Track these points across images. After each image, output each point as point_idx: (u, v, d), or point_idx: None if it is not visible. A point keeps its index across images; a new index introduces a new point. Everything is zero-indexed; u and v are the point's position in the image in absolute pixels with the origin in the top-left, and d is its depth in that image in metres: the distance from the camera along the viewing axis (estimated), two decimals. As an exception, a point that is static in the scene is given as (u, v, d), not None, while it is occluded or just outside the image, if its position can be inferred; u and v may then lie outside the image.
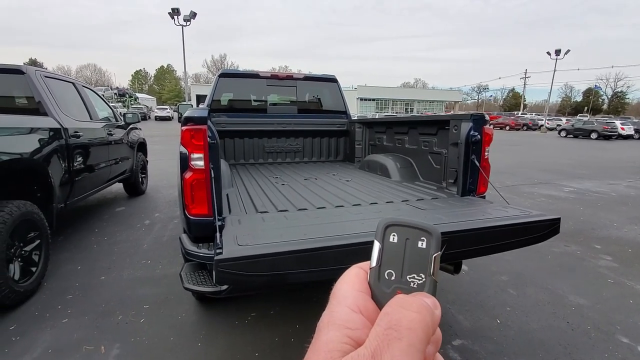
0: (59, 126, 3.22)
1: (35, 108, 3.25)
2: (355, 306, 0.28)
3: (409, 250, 0.30)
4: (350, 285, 0.30)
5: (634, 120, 33.56)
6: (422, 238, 0.30)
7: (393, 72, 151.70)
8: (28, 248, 2.73)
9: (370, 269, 0.31)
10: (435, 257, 0.30)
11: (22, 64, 3.46)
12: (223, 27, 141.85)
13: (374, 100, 52.44)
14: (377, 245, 0.31)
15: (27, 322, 2.38)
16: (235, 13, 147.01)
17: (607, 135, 24.15)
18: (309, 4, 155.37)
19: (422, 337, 0.25)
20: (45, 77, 3.52)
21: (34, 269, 2.75)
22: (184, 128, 1.81)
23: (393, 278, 0.30)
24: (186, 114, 1.83)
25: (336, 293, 0.30)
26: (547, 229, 1.83)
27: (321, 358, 0.25)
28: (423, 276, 0.30)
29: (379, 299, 0.29)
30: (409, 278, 0.30)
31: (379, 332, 0.25)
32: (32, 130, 2.90)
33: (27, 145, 2.79)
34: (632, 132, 25.20)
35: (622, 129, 24.61)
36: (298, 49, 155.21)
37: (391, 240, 0.31)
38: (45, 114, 3.22)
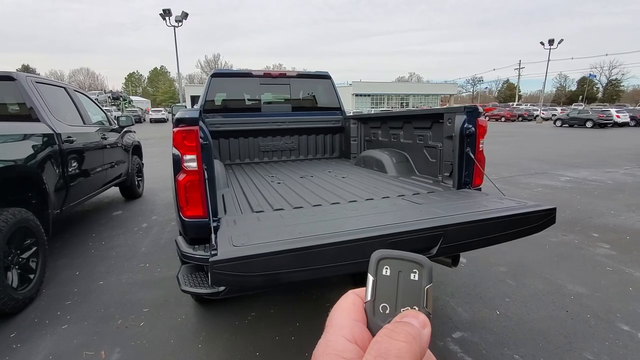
0: (51, 132, 3.20)
1: (27, 114, 3.22)
2: (351, 336, 0.29)
3: (401, 283, 0.31)
4: (347, 313, 0.31)
5: (629, 107, 33.66)
6: (414, 270, 0.31)
7: (388, 67, 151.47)
8: (25, 255, 2.72)
9: (365, 302, 0.31)
10: (427, 289, 0.30)
11: (14, 70, 3.43)
12: (217, 26, 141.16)
13: (369, 95, 52.33)
14: (370, 279, 0.31)
15: (27, 329, 2.37)
16: (230, 12, 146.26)
17: (602, 124, 24.22)
18: (305, 1, 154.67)
19: None
20: (37, 82, 3.49)
21: (31, 276, 2.74)
22: (175, 130, 1.79)
23: (387, 311, 0.30)
24: (177, 115, 1.81)
25: (332, 322, 0.30)
26: (543, 219, 1.83)
27: None
28: (417, 309, 0.30)
29: (374, 330, 0.29)
30: (403, 311, 0.30)
31: None
32: (24, 137, 2.88)
33: (20, 151, 2.77)
34: (628, 120, 25.28)
35: (618, 116, 24.69)
36: (294, 46, 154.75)
37: (384, 273, 0.31)
38: (37, 120, 3.19)
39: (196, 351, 2.15)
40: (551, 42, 35.31)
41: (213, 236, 1.58)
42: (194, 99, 36.73)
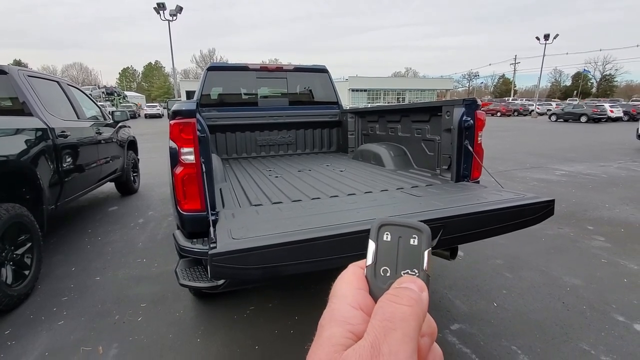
0: (45, 126, 3.15)
1: (20, 108, 3.17)
2: (355, 303, 0.30)
3: (402, 247, 0.32)
4: (349, 283, 0.32)
5: (623, 102, 33.91)
6: (414, 235, 0.32)
7: (385, 62, 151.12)
8: (19, 251, 2.69)
9: (367, 266, 0.32)
10: (426, 252, 0.32)
11: (6, 65, 3.36)
12: (212, 21, 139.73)
13: (365, 91, 52.22)
14: (372, 245, 0.33)
15: (22, 325, 2.35)
16: (225, 7, 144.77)
17: (596, 118, 24.38)
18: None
19: (414, 326, 0.27)
20: (29, 76, 3.43)
21: (26, 272, 2.71)
22: (172, 122, 1.77)
23: (388, 274, 0.32)
24: (174, 107, 1.78)
25: (336, 292, 0.32)
26: (541, 210, 1.84)
27: (325, 352, 0.27)
28: (416, 271, 0.31)
29: (376, 294, 0.31)
30: (403, 273, 0.31)
31: (375, 325, 0.27)
32: (17, 131, 2.83)
33: (12, 146, 2.72)
34: (621, 114, 25.47)
35: (611, 111, 24.85)
36: (290, 42, 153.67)
37: (385, 239, 0.33)
38: (30, 114, 3.14)
39: (195, 345, 2.14)
40: (546, 37, 35.39)
41: (212, 229, 1.57)
42: (190, 94, 36.41)
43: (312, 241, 1.39)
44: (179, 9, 27.04)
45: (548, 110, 33.24)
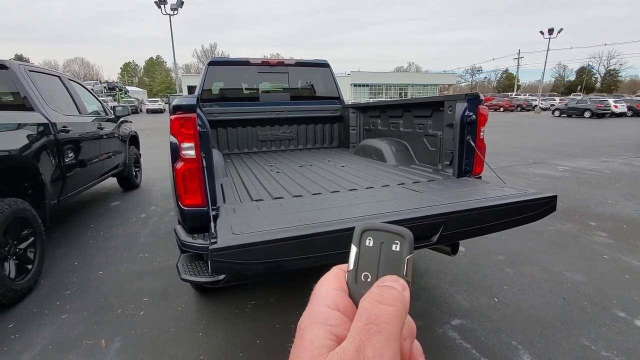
0: (46, 121, 3.15)
1: (21, 103, 3.17)
2: (333, 304, 0.30)
3: (383, 253, 0.32)
4: (328, 285, 0.32)
5: (627, 97, 33.64)
6: (396, 242, 0.32)
7: (387, 57, 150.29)
8: (22, 246, 2.70)
9: (348, 271, 0.33)
10: (408, 259, 0.31)
11: (7, 59, 3.35)
12: (213, 16, 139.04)
13: (367, 86, 51.99)
14: (354, 249, 0.33)
15: (26, 319, 2.37)
16: (227, 1, 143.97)
17: (600, 114, 24.22)
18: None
19: (398, 327, 0.27)
20: (30, 71, 3.42)
21: (29, 267, 2.73)
22: (172, 117, 1.77)
23: (369, 280, 0.31)
24: (174, 102, 1.78)
25: (316, 293, 0.32)
26: (544, 206, 1.83)
27: (309, 355, 0.27)
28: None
29: (356, 298, 0.31)
30: None
31: (360, 327, 0.27)
32: (18, 126, 2.83)
33: (14, 141, 2.72)
34: (625, 110, 25.31)
35: (615, 106, 24.71)
36: (291, 37, 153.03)
37: (367, 244, 0.32)
38: (31, 109, 3.14)
39: (197, 339, 2.16)
40: (551, 31, 35.07)
41: (212, 224, 1.57)
42: (191, 89, 36.34)
43: (313, 236, 1.39)
44: (180, 3, 26.93)
45: (551, 105, 33.01)
